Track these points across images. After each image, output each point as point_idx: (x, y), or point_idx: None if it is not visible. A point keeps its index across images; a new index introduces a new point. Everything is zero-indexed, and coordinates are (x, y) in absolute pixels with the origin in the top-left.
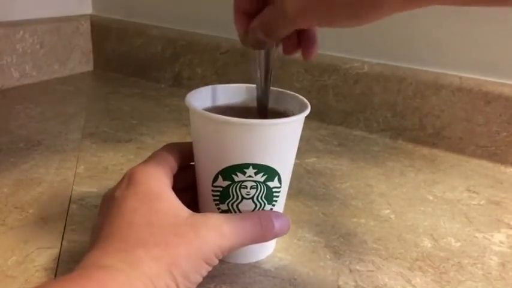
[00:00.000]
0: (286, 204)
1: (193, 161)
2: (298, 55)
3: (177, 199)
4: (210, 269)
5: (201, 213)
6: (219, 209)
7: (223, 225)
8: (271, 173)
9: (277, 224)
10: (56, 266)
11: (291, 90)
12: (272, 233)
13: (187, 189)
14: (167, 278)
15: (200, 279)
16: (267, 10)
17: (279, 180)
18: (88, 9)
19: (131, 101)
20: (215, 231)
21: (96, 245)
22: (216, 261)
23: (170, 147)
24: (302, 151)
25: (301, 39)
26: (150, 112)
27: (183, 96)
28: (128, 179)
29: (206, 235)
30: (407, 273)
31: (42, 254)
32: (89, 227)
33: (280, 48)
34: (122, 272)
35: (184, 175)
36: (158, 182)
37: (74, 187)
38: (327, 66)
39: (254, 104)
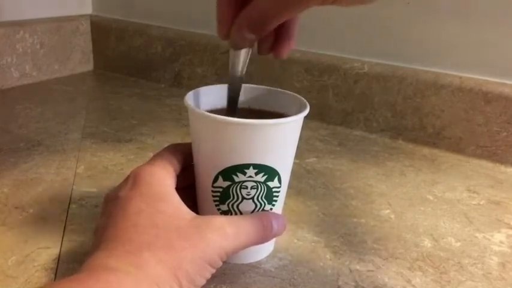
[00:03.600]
0: (286, 204)
1: None
2: (298, 55)
3: (181, 201)
4: (214, 271)
5: (204, 216)
6: (219, 209)
7: (227, 227)
8: (271, 173)
9: (276, 225)
10: (56, 266)
11: (291, 90)
12: (272, 233)
13: (186, 189)
14: (172, 282)
15: (204, 282)
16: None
17: (279, 180)
18: (88, 9)
19: (131, 101)
20: (219, 233)
21: (100, 245)
22: (220, 264)
23: (173, 148)
24: (302, 151)
25: (279, 35)
26: (150, 112)
27: (183, 96)
28: (133, 180)
29: (210, 237)
30: (407, 273)
31: (42, 254)
32: (89, 227)
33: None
34: (128, 274)
35: (185, 175)
36: (163, 183)
37: (74, 187)
38: (327, 66)
39: (253, 104)
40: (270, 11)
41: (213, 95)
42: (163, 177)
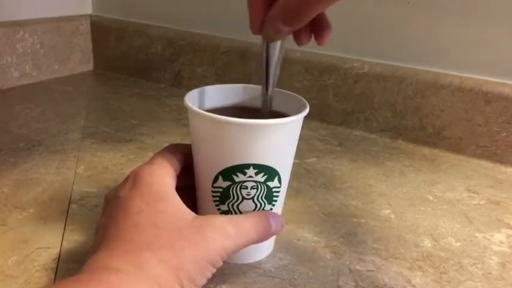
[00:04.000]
0: (286, 204)
1: None
2: (297, 55)
3: (181, 201)
4: (214, 271)
5: (204, 216)
6: (219, 209)
7: (227, 226)
8: (271, 173)
9: (274, 224)
10: (56, 266)
11: (291, 90)
12: (270, 232)
13: (186, 189)
14: (174, 282)
15: (205, 282)
16: None
17: (279, 180)
18: (88, 9)
19: (131, 101)
20: (220, 233)
21: (101, 246)
22: (221, 263)
23: (173, 148)
24: (302, 151)
25: (314, 26)
26: (150, 112)
27: (183, 96)
28: (133, 180)
29: (211, 237)
30: (407, 273)
31: (42, 254)
32: (89, 227)
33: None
34: (130, 274)
35: (185, 175)
36: (163, 183)
37: (74, 187)
38: (327, 66)
39: (253, 104)
40: (309, 1)
41: (213, 95)
42: (164, 177)
